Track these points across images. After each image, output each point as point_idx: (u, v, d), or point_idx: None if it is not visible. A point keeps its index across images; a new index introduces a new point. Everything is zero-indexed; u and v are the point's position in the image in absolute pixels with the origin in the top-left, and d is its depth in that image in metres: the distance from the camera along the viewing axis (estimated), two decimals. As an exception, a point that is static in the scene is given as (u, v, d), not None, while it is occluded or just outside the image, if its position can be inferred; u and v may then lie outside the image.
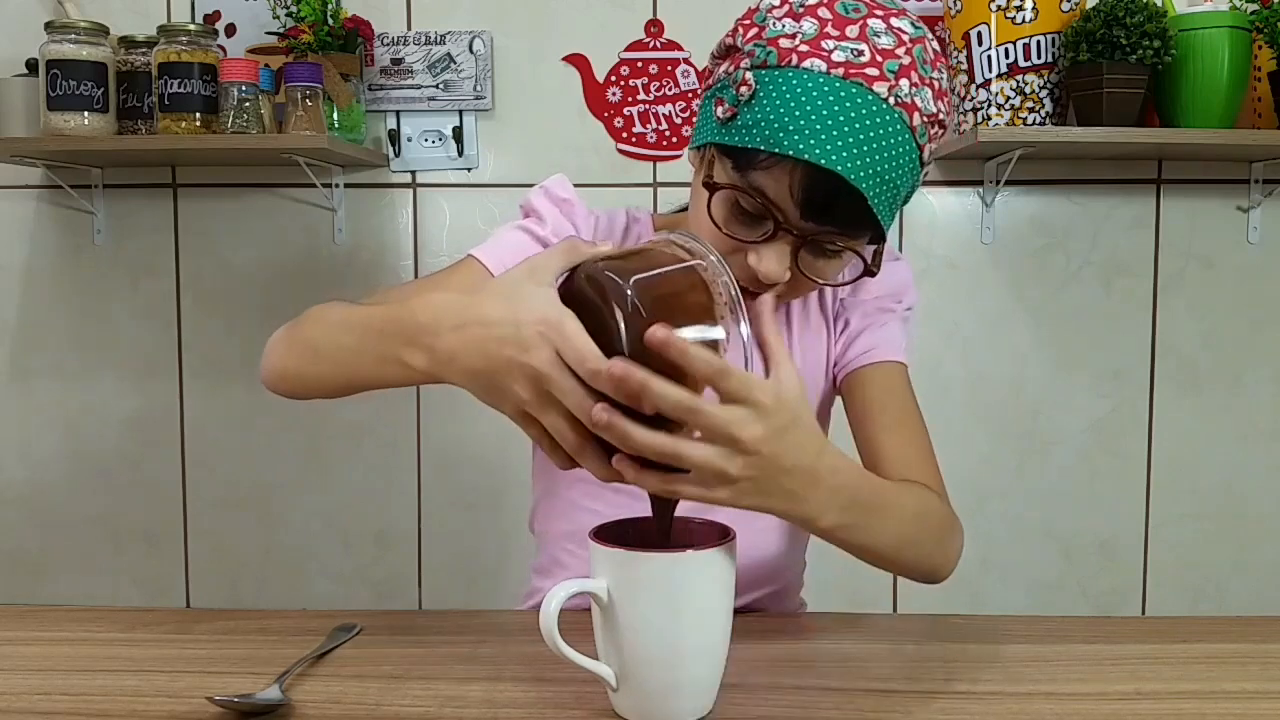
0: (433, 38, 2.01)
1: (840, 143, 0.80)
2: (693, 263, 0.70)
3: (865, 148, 0.81)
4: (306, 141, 1.78)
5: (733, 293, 0.69)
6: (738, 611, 0.74)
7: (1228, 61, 1.76)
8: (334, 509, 2.11)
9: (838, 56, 0.82)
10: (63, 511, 2.14)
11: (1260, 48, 1.81)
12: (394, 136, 2.04)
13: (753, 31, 0.87)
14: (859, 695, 0.75)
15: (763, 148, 0.82)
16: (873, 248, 0.91)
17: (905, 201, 0.90)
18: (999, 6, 1.80)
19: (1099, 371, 2.05)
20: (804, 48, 0.83)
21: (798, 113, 0.81)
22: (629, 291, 0.65)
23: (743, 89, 0.85)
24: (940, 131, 0.88)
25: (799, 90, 0.82)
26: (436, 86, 2.02)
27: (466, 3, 2.03)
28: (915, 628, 0.92)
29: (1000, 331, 2.05)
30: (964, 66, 1.86)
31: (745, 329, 0.68)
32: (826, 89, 0.81)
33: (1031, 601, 2.07)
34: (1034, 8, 1.80)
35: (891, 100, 0.82)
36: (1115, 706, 0.73)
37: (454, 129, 2.04)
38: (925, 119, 0.85)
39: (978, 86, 1.84)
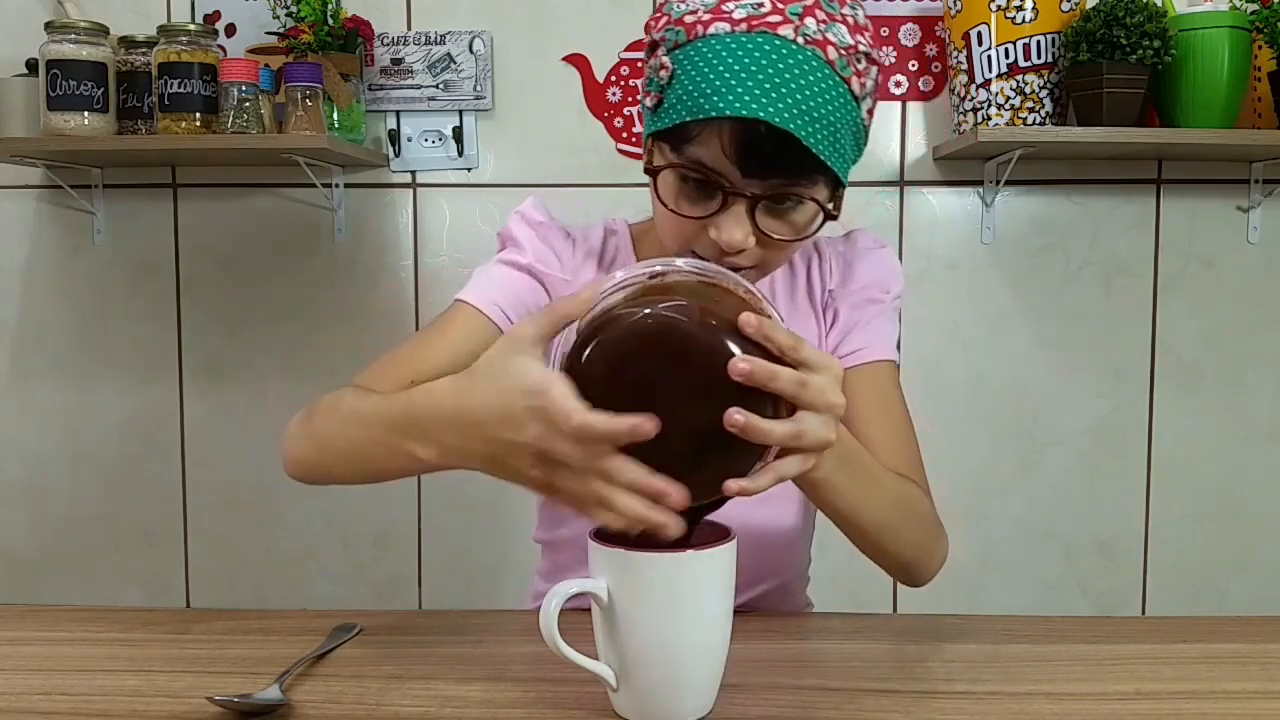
0: (433, 38, 2.01)
1: (756, 91, 0.81)
2: (707, 278, 0.70)
3: (782, 89, 0.81)
4: (306, 141, 1.78)
5: (751, 289, 0.70)
6: (739, 610, 0.74)
7: (1228, 61, 1.76)
8: (334, 509, 2.11)
9: (739, 14, 0.84)
10: (63, 511, 2.14)
11: (1260, 48, 1.81)
12: (394, 136, 2.04)
13: (663, 20, 0.89)
14: (859, 695, 0.75)
15: (688, 118, 0.84)
16: (831, 203, 0.91)
17: (861, 143, 0.90)
18: (999, 6, 1.80)
19: (1099, 371, 2.05)
20: (707, 16, 0.85)
21: (711, 75, 0.83)
22: (698, 315, 0.65)
23: (662, 73, 0.87)
24: (869, 66, 0.87)
25: (709, 55, 0.83)
26: (436, 86, 2.02)
27: (466, 3, 2.03)
28: (915, 628, 0.92)
29: (1000, 331, 2.05)
30: (964, 66, 1.86)
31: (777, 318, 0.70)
32: (734, 45, 0.83)
33: (1031, 601, 2.07)
34: (1034, 8, 1.80)
35: (800, 40, 0.83)
36: (1115, 706, 0.73)
37: (454, 129, 2.04)
38: (843, 52, 0.84)
39: (978, 86, 1.84)
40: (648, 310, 0.66)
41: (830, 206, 0.89)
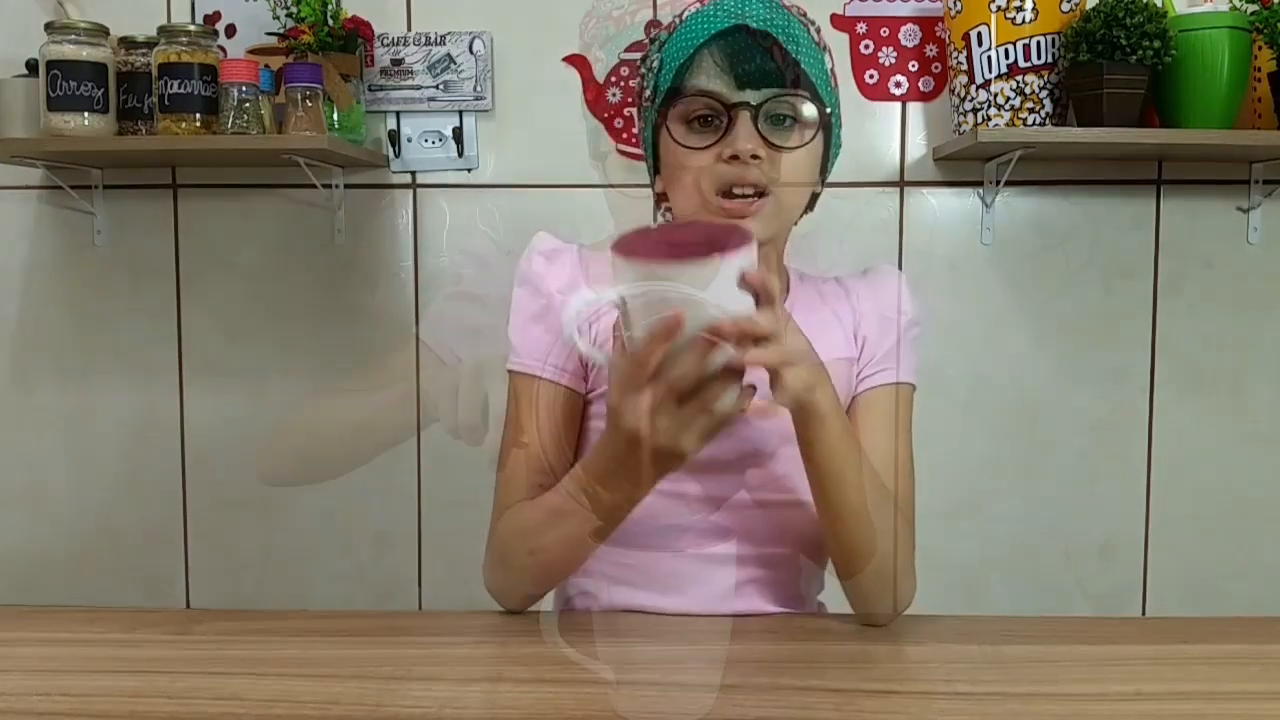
0: (433, 38, 2.01)
1: (733, 8, 0.96)
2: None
3: (759, 5, 0.96)
4: (306, 142, 1.78)
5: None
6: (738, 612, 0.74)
7: (1228, 62, 1.76)
8: (334, 509, 2.11)
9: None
10: (63, 511, 2.14)
11: (1260, 48, 1.81)
12: (394, 137, 2.04)
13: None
14: (859, 695, 0.75)
15: (681, 60, 0.96)
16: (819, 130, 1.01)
17: (833, 100, 1.01)
18: (999, 7, 1.80)
19: (1099, 371, 2.05)
20: (683, 9, 1.00)
21: (693, 25, 0.97)
22: None
23: (654, 65, 1.01)
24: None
25: (689, 22, 0.98)
26: (436, 87, 2.02)
27: (466, 3, 2.02)
28: (915, 628, 0.92)
29: (1000, 332, 2.05)
30: (964, 67, 1.86)
31: None
32: (708, 8, 0.98)
33: (1031, 601, 2.07)
34: (1034, 8, 1.80)
35: None
36: (1115, 707, 0.73)
37: (454, 129, 2.04)
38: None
39: (978, 87, 1.84)
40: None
41: (820, 141, 1.00)
